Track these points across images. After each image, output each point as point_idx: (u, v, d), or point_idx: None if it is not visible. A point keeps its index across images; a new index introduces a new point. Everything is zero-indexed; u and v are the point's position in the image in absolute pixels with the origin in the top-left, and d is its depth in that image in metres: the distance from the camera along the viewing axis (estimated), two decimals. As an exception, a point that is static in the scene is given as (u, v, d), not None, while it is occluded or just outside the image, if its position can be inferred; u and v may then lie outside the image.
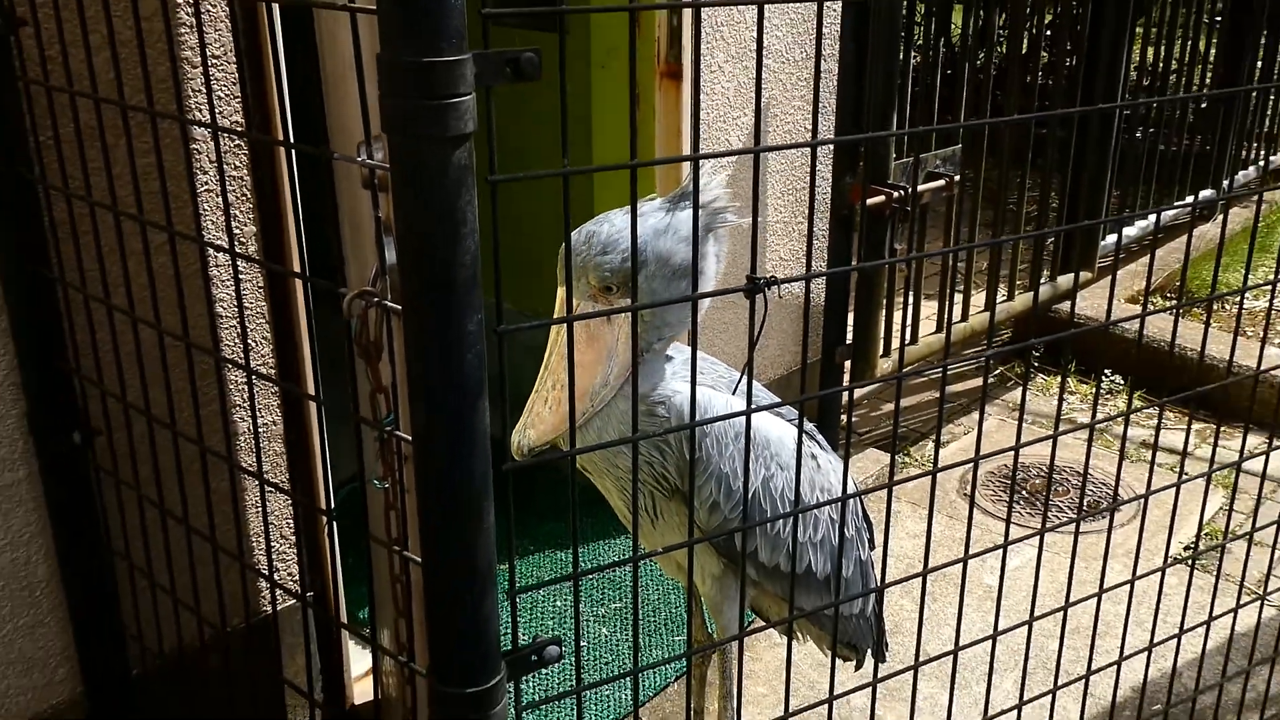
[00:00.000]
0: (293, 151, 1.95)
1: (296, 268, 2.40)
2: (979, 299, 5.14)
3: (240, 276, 2.58)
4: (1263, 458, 2.65)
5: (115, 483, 2.55)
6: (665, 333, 2.45)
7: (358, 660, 3.34)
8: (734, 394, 2.56)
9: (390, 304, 1.65)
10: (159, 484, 2.45)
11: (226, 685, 2.83)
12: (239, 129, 2.31)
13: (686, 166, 3.09)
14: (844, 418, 4.45)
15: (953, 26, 8.64)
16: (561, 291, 2.35)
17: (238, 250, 2.35)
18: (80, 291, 2.37)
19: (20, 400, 2.51)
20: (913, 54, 4.49)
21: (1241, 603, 2.82)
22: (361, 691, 3.23)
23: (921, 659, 2.25)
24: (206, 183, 2.60)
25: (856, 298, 4.45)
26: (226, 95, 2.63)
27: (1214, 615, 2.69)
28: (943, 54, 4.81)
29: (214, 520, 2.41)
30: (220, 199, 2.25)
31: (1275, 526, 2.86)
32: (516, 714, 1.76)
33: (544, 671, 3.62)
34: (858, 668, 3.33)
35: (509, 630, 1.69)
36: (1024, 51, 5.63)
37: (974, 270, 5.03)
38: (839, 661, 3.04)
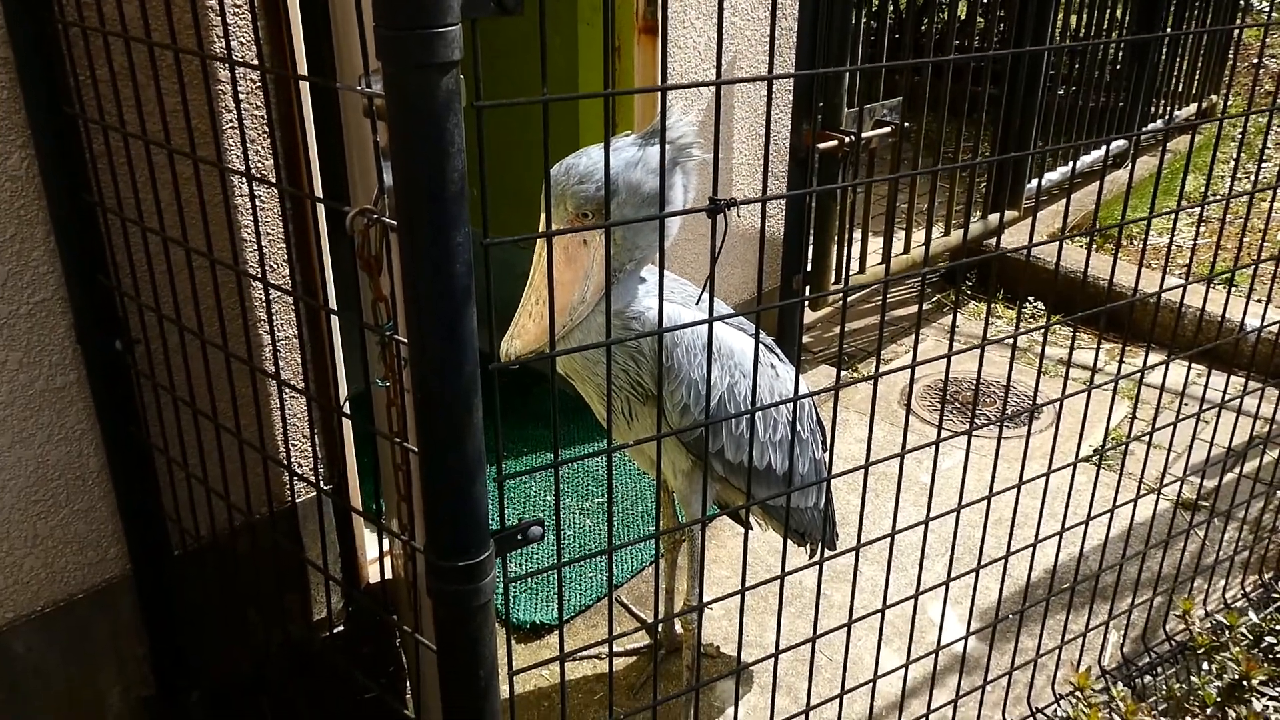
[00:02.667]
0: (306, 85, 1.91)
1: (313, 191, 2.34)
2: (919, 236, 5.09)
3: (260, 201, 2.51)
4: (1161, 371, 2.62)
5: (153, 385, 2.50)
6: (636, 255, 2.40)
7: (372, 546, 3.32)
8: (697, 305, 2.53)
9: (388, 220, 1.59)
10: (190, 386, 2.40)
11: (255, 566, 2.81)
12: (254, 64, 2.23)
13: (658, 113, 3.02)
14: (800, 336, 4.42)
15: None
16: (543, 217, 2.30)
17: (257, 175, 2.29)
18: (118, 215, 2.31)
19: (68, 313, 2.45)
20: (864, 18, 4.42)
21: (1140, 495, 2.81)
22: (375, 573, 3.22)
23: (863, 544, 2.23)
24: (232, 120, 2.52)
25: (812, 232, 4.40)
26: (250, 40, 2.56)
27: (1117, 505, 2.68)
28: (890, 20, 4.73)
29: (239, 419, 2.37)
30: (243, 130, 2.17)
31: (1171, 430, 2.84)
32: (504, 587, 1.73)
33: (532, 554, 3.61)
34: (811, 555, 3.33)
35: (499, 516, 1.66)
36: (962, 19, 5.57)
37: (914, 210, 4.97)
38: (796, 548, 3.04)
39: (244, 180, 2.11)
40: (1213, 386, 2.94)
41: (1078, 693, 2.28)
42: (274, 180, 2.38)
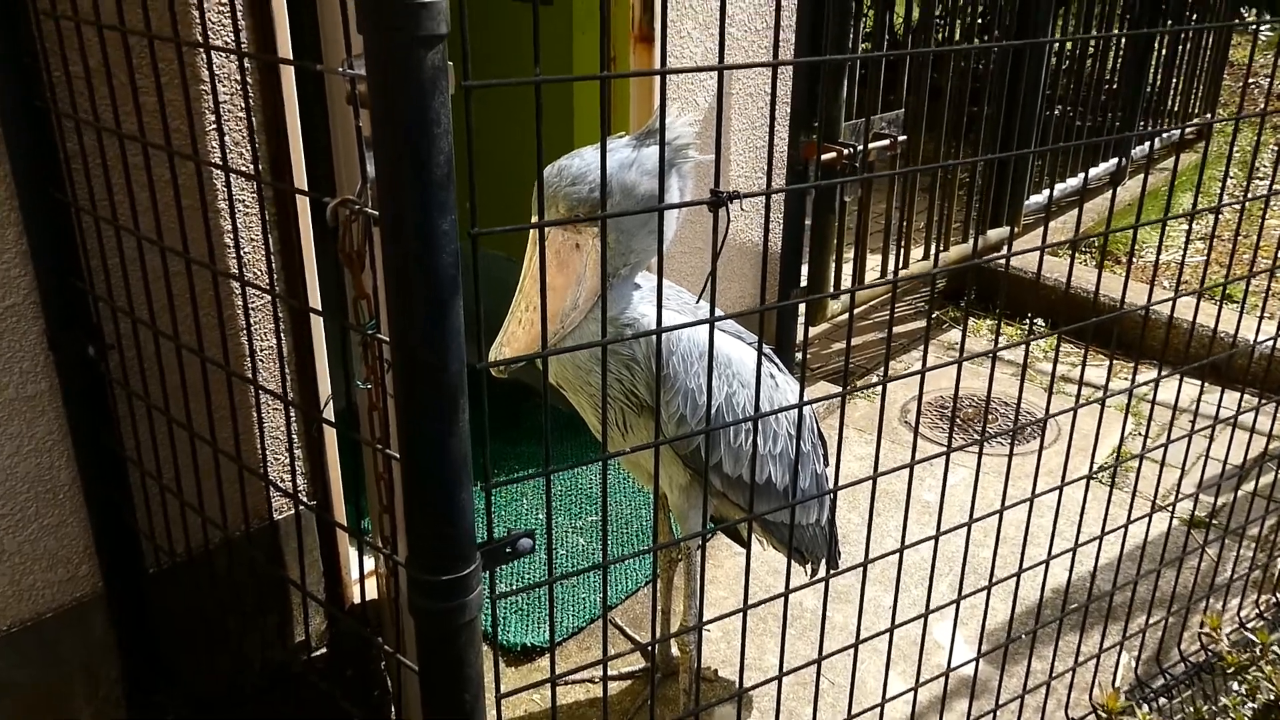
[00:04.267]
0: (292, 78, 1.81)
1: (298, 184, 2.23)
2: (917, 253, 5.01)
3: (244, 205, 2.41)
4: (1167, 387, 2.52)
5: (128, 394, 2.39)
6: (631, 259, 2.30)
7: (356, 566, 3.21)
8: (698, 302, 2.45)
9: (371, 211, 1.49)
10: (165, 394, 2.29)
11: (233, 585, 2.69)
12: (231, 48, 2.13)
13: (654, 113, 2.92)
14: (801, 350, 4.32)
15: (897, 17, 8.47)
16: (534, 219, 2.20)
17: (237, 169, 2.19)
18: (92, 214, 2.20)
19: (40, 318, 2.34)
20: (861, 40, 4.37)
21: (1151, 512, 2.71)
22: (359, 594, 3.11)
23: (870, 560, 2.13)
24: (209, 106, 2.41)
25: (810, 246, 4.32)
26: (229, 27, 2.46)
27: (1128, 523, 2.57)
28: (886, 41, 4.67)
29: (215, 429, 2.26)
30: (221, 120, 2.07)
31: (1179, 446, 2.74)
32: (491, 604, 1.62)
33: (522, 573, 3.50)
34: (812, 575, 3.22)
35: (487, 528, 1.55)
36: (958, 39, 5.52)
37: (913, 227, 4.89)
38: (797, 570, 2.93)
39: (227, 176, 1.99)
40: (1222, 405, 2.84)
41: (1100, 712, 2.16)
42: (248, 170, 2.27)
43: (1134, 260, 6.12)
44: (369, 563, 3.27)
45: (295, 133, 2.27)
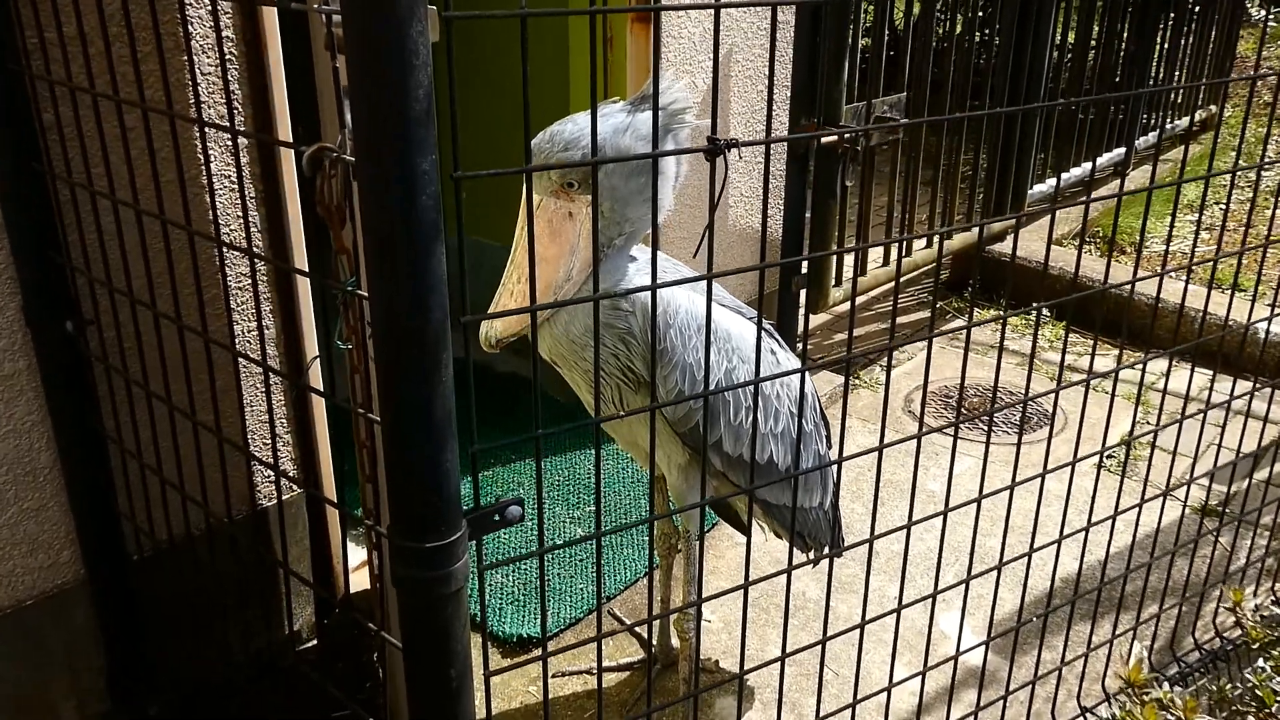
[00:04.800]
0: (276, 23, 1.72)
1: (283, 138, 2.15)
2: (919, 244, 4.93)
3: (218, 151, 2.31)
4: (1179, 377, 2.44)
5: (106, 369, 2.31)
6: (625, 229, 2.22)
7: (349, 555, 3.13)
8: (694, 256, 2.36)
9: (348, 158, 1.41)
10: (145, 369, 2.21)
11: (220, 571, 2.61)
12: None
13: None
14: (802, 321, 4.24)
15: (897, 11, 8.39)
16: (525, 189, 2.13)
17: (214, 122, 2.11)
18: (68, 182, 2.12)
19: (17, 294, 2.26)
20: (861, 38, 4.30)
21: (1162, 501, 2.63)
22: (352, 585, 3.03)
23: (872, 551, 2.05)
24: (188, 58, 2.32)
25: (811, 232, 4.24)
26: None
27: (1138, 510, 2.49)
28: (886, 38, 4.58)
29: (194, 402, 2.17)
30: (196, 68, 1.99)
31: (1189, 435, 2.66)
32: (479, 575, 1.54)
33: (515, 570, 3.42)
34: (814, 564, 3.14)
35: (474, 495, 1.47)
36: (959, 31, 5.45)
37: (914, 218, 4.82)
38: (800, 556, 2.84)
39: (202, 130, 1.90)
40: (1222, 392, 2.76)
41: (1128, 689, 2.08)
42: (221, 123, 2.18)
43: (1146, 251, 6.04)
44: (360, 553, 3.19)
45: (280, 85, 2.18)
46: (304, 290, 2.46)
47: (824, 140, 3.88)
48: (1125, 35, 6.58)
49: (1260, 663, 2.15)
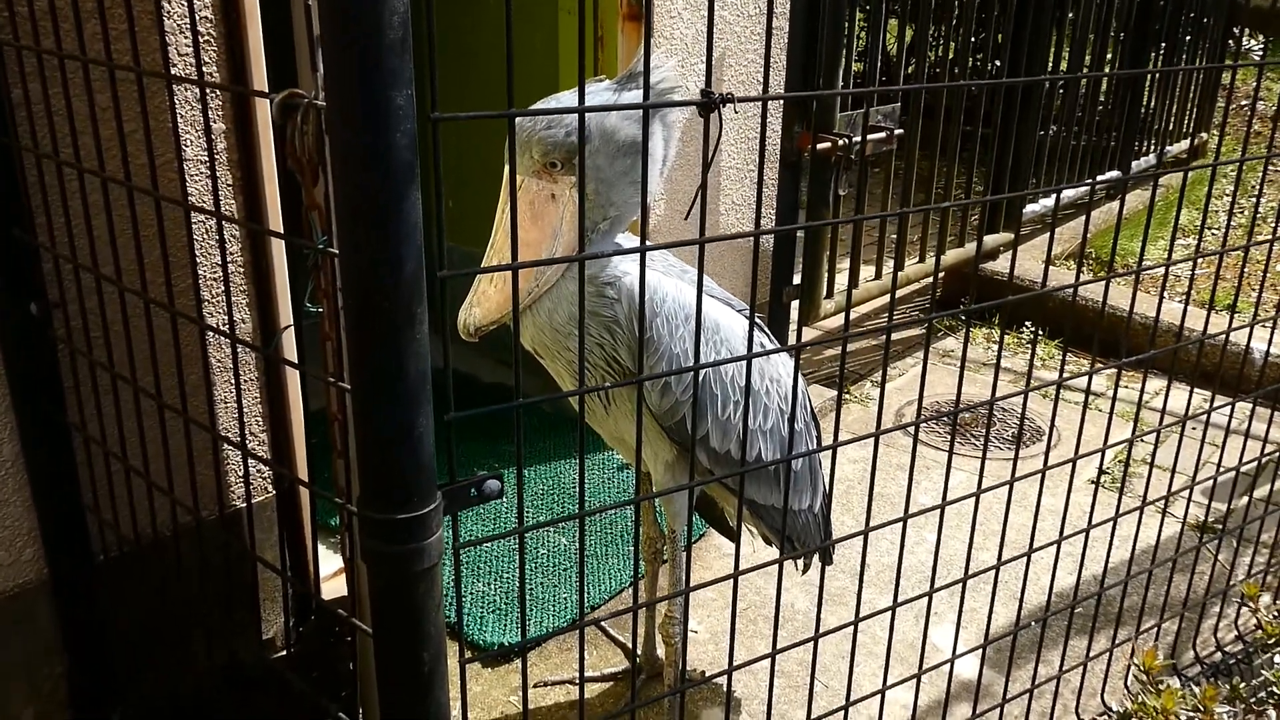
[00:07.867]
0: None
1: (257, 86, 2.06)
2: (912, 259, 4.88)
3: (179, 108, 2.22)
4: (1171, 397, 2.37)
5: (70, 352, 2.22)
6: (611, 212, 2.15)
7: (327, 561, 3.04)
8: (686, 218, 2.28)
9: (320, 102, 1.33)
10: (110, 350, 2.12)
11: (188, 571, 2.50)
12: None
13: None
14: (794, 331, 4.16)
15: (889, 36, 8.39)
16: (507, 170, 2.05)
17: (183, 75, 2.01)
18: (33, 153, 2.04)
19: (-19, 277, 2.18)
20: (854, 62, 4.27)
21: (1158, 520, 2.55)
22: (330, 591, 2.94)
23: (864, 569, 1.97)
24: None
25: (803, 245, 4.18)
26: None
27: (1134, 529, 2.41)
28: (879, 65, 4.54)
29: (161, 382, 2.08)
30: (161, 24, 1.90)
31: (1186, 454, 2.59)
32: (454, 553, 1.45)
33: (494, 568, 3.32)
34: (804, 571, 3.06)
35: (449, 468, 1.38)
36: (952, 57, 5.41)
37: (908, 238, 4.77)
38: (790, 569, 2.75)
39: (169, 82, 1.80)
40: (1234, 415, 2.70)
41: (1144, 677, 2.00)
42: (187, 76, 2.09)
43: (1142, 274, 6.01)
44: (335, 561, 3.09)
45: (255, 33, 2.09)
46: (280, 261, 2.37)
47: (818, 147, 3.82)
48: (1115, 66, 6.63)
49: (1278, 659, 2.07)
